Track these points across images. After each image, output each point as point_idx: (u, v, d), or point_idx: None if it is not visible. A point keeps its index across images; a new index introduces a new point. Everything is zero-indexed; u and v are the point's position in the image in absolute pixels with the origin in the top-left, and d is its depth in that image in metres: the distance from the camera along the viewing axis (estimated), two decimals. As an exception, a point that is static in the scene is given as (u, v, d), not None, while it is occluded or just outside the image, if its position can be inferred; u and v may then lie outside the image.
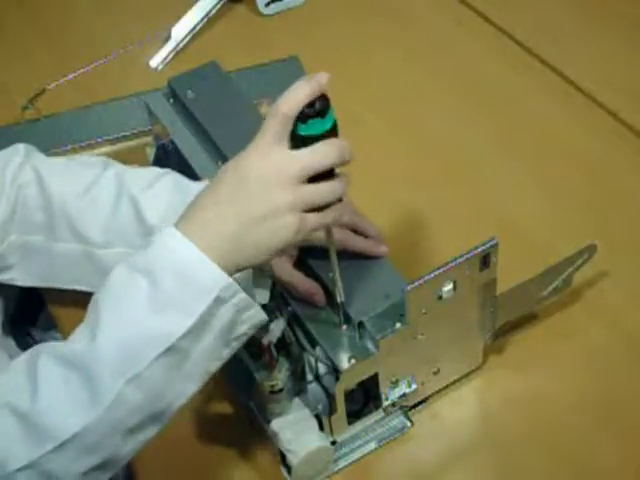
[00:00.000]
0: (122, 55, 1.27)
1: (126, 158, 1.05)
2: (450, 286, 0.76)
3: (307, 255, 0.80)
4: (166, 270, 0.64)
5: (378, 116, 1.15)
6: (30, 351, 0.68)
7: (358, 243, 0.82)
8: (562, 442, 0.81)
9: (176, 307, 0.64)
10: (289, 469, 0.78)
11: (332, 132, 0.68)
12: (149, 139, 1.04)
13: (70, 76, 1.23)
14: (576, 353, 0.87)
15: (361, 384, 0.77)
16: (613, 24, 1.23)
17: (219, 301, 0.65)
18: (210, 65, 1.03)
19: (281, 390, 0.76)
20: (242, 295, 0.66)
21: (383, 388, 0.79)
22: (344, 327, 0.77)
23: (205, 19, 1.29)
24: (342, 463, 0.81)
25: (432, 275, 0.73)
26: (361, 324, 0.76)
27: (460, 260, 0.74)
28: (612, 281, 0.92)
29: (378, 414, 0.82)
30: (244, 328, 0.68)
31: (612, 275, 0.92)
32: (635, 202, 1.01)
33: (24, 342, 0.93)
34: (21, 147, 0.88)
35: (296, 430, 0.77)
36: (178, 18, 1.29)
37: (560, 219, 0.99)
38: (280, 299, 0.79)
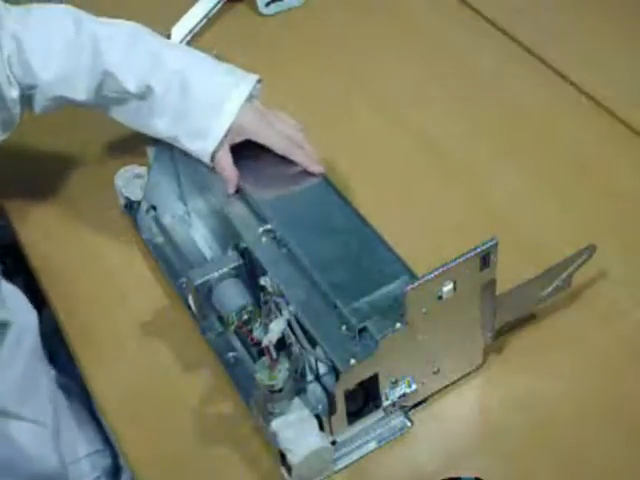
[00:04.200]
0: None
1: (126, 157, 1.06)
2: (450, 286, 0.76)
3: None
4: None
5: (378, 116, 1.15)
6: None
7: (299, 155, 0.90)
8: (562, 441, 0.81)
9: None
10: (289, 469, 0.78)
11: None
12: (150, 139, 1.04)
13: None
14: (576, 353, 0.87)
15: (361, 384, 0.77)
16: (613, 24, 1.23)
17: None
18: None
19: (281, 390, 0.76)
20: None
21: (383, 388, 0.79)
22: (344, 327, 0.77)
23: (205, 19, 1.29)
24: (342, 463, 0.81)
25: (432, 275, 0.73)
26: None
27: (460, 260, 0.74)
28: (612, 281, 0.92)
29: (378, 414, 0.82)
30: None
31: (612, 275, 0.92)
32: (635, 202, 1.01)
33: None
34: None
35: (296, 430, 0.77)
36: (178, 18, 1.29)
37: (560, 219, 0.99)
38: (280, 299, 0.79)
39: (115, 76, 0.90)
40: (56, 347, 1.01)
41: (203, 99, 0.90)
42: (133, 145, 1.09)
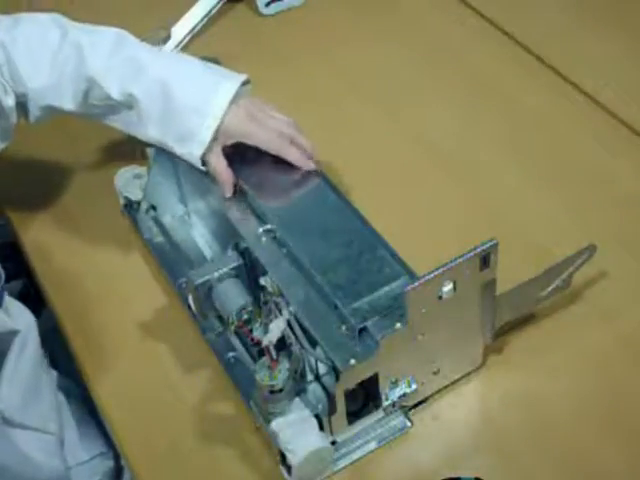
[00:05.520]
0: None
1: (126, 157, 1.06)
2: (450, 286, 0.76)
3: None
4: None
5: (378, 116, 1.15)
6: None
7: (291, 154, 0.89)
8: (562, 442, 0.81)
9: None
10: (289, 469, 0.78)
11: None
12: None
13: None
14: (576, 353, 0.87)
15: (361, 384, 0.77)
16: (613, 24, 1.23)
17: None
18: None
19: (281, 390, 0.76)
20: None
21: (383, 388, 0.79)
22: (344, 327, 0.77)
23: (205, 19, 1.30)
24: (342, 463, 0.81)
25: (432, 275, 0.73)
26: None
27: (460, 260, 0.74)
28: (612, 281, 0.92)
29: (378, 414, 0.82)
30: None
31: (612, 275, 0.92)
32: (635, 202, 1.01)
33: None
34: None
35: (296, 430, 0.77)
36: (178, 18, 1.29)
37: (560, 219, 0.99)
38: (280, 299, 0.79)
39: (99, 83, 0.90)
40: (56, 348, 1.01)
41: (187, 102, 0.88)
42: (133, 145, 1.09)
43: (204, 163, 0.90)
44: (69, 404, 0.95)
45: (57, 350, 1.01)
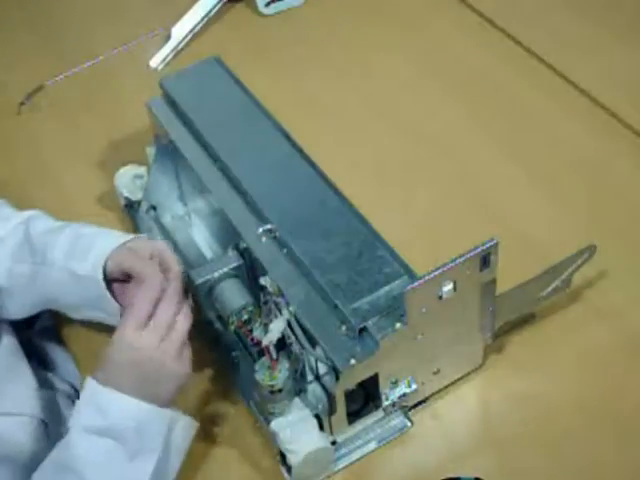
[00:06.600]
0: (122, 55, 1.28)
1: (126, 157, 1.06)
2: (450, 286, 0.76)
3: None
4: (127, 428, 0.74)
5: (378, 116, 1.15)
6: None
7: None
8: (562, 442, 0.81)
9: (143, 450, 0.75)
10: (289, 469, 0.78)
11: None
12: (150, 139, 1.04)
13: (63, 75, 1.24)
14: (576, 353, 0.87)
15: (361, 384, 0.77)
16: (613, 25, 1.23)
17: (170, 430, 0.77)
18: (206, 62, 1.03)
19: (281, 390, 0.76)
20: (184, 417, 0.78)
21: (383, 388, 0.79)
22: (344, 327, 0.77)
23: (205, 19, 1.30)
24: (342, 463, 0.81)
25: (432, 275, 0.73)
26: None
27: (460, 260, 0.74)
28: (612, 281, 0.92)
29: (378, 414, 0.82)
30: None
31: (612, 275, 0.92)
32: (635, 202, 1.01)
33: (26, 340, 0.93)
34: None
35: (296, 430, 0.77)
36: (178, 18, 1.29)
37: (560, 219, 0.99)
38: (280, 299, 0.79)
39: None
40: (52, 347, 1.01)
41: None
42: (133, 145, 1.09)
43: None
44: (65, 403, 0.95)
45: (54, 350, 1.01)
